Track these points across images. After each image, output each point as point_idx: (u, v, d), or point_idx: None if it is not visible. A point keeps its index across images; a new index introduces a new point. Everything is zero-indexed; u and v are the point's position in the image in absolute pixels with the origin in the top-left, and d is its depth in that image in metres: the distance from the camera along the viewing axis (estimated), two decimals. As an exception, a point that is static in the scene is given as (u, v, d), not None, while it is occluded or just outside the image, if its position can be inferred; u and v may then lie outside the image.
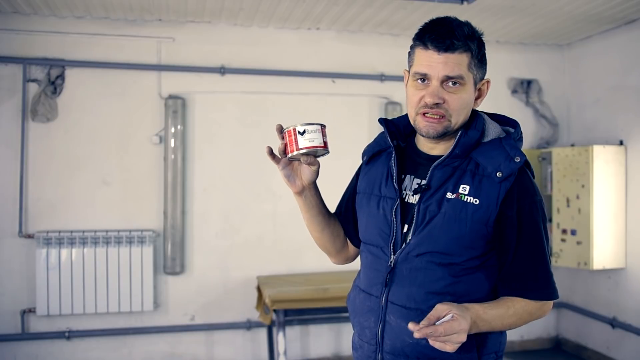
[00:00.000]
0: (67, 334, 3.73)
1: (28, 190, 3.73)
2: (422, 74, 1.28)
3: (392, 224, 1.35)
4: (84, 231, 3.73)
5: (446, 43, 1.25)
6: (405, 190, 1.38)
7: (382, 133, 1.47)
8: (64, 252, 3.66)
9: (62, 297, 3.64)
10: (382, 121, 1.45)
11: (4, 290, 3.69)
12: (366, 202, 1.45)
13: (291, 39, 4.10)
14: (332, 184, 2.09)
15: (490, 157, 1.30)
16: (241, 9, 3.67)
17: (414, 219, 1.32)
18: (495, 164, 1.28)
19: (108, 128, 3.84)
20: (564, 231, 4.05)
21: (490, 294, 1.32)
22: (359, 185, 1.52)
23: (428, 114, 1.28)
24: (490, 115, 1.41)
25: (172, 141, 3.85)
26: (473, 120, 1.36)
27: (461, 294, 1.28)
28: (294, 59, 4.10)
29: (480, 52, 1.31)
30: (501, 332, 1.35)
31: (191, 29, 3.94)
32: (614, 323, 3.98)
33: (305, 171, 1.39)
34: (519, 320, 1.29)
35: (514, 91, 4.48)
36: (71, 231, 3.72)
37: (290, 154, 1.32)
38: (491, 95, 5.06)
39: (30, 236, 3.69)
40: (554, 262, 4.07)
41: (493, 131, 1.35)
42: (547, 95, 4.53)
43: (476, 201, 1.27)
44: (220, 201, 4.01)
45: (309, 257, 4.02)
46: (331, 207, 1.56)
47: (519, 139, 1.38)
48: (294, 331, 4.08)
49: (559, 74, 4.56)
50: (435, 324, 1.15)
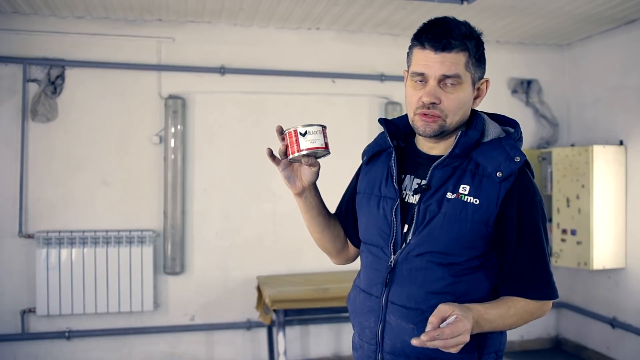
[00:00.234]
0: (67, 334, 3.73)
1: (28, 190, 3.73)
2: (419, 73, 1.28)
3: (392, 224, 1.35)
4: (84, 231, 3.73)
5: (442, 42, 1.25)
6: (405, 190, 1.38)
7: (382, 133, 1.48)
8: (64, 252, 3.66)
9: (62, 297, 3.64)
10: (382, 121, 1.45)
11: (4, 290, 3.69)
12: (366, 202, 1.45)
13: (291, 39, 4.10)
14: (332, 184, 2.09)
15: (490, 157, 1.30)
16: (241, 9, 3.67)
17: (414, 219, 1.32)
18: (495, 164, 1.28)
19: (108, 128, 3.85)
20: (564, 231, 4.05)
21: (490, 293, 1.33)
22: (359, 185, 1.52)
23: (425, 114, 1.28)
24: (490, 115, 1.41)
25: (172, 141, 3.86)
26: (473, 120, 1.36)
27: (461, 294, 1.29)
28: (294, 59, 4.10)
29: (479, 51, 1.30)
30: (501, 332, 1.35)
31: (191, 29, 3.94)
32: (614, 323, 3.98)
33: (306, 172, 1.39)
34: (519, 320, 1.29)
35: (514, 91, 4.48)
36: (71, 231, 3.72)
37: (291, 156, 1.32)
38: (491, 95, 5.04)
39: (30, 236, 3.69)
40: (554, 262, 4.07)
41: (493, 131, 1.35)
42: (547, 95, 4.53)
43: (476, 201, 1.28)
44: (220, 201, 4.01)
45: (309, 257, 4.02)
46: (331, 207, 1.57)
47: (519, 139, 1.38)
48: (294, 331, 4.08)
49: (559, 74, 4.56)
50: (439, 326, 1.14)
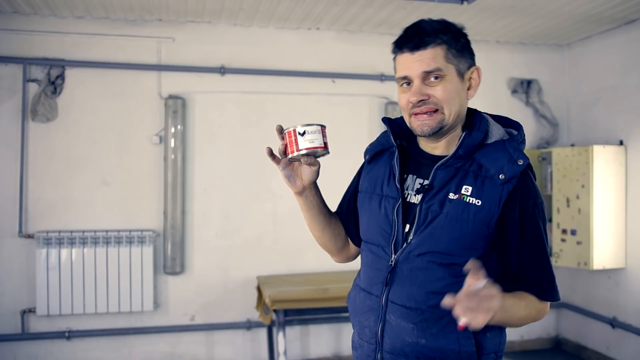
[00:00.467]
0: (67, 334, 3.73)
1: (28, 190, 3.73)
2: (403, 77, 1.31)
3: (394, 223, 1.35)
4: (84, 231, 3.73)
5: (415, 41, 1.28)
6: (407, 190, 1.38)
7: (385, 132, 1.48)
8: (64, 252, 3.66)
9: (62, 297, 3.64)
10: (385, 120, 1.46)
11: (4, 290, 3.69)
12: (368, 201, 1.45)
13: (291, 39, 4.10)
14: (332, 183, 2.09)
15: (493, 158, 1.30)
16: (241, 9, 3.67)
17: (416, 218, 1.32)
18: (498, 165, 1.29)
19: (108, 128, 3.85)
20: (564, 231, 4.05)
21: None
22: (360, 184, 1.52)
23: (418, 112, 1.30)
24: (493, 117, 1.41)
25: (172, 141, 3.85)
26: (477, 121, 1.36)
27: (462, 294, 1.29)
28: (294, 59, 4.10)
29: (459, 42, 1.31)
30: (501, 331, 1.35)
31: (191, 29, 3.95)
32: (614, 323, 3.99)
33: (306, 171, 1.39)
34: (529, 314, 1.28)
35: (514, 91, 4.48)
36: (71, 231, 3.72)
37: (290, 155, 1.32)
38: (491, 95, 5.03)
39: (30, 236, 3.69)
40: (554, 262, 4.07)
41: (497, 133, 1.35)
42: (547, 95, 4.53)
43: (478, 202, 1.28)
44: (220, 201, 4.01)
45: (309, 257, 4.02)
46: (331, 207, 1.57)
47: (522, 141, 1.38)
48: (294, 331, 4.08)
49: (559, 74, 4.56)
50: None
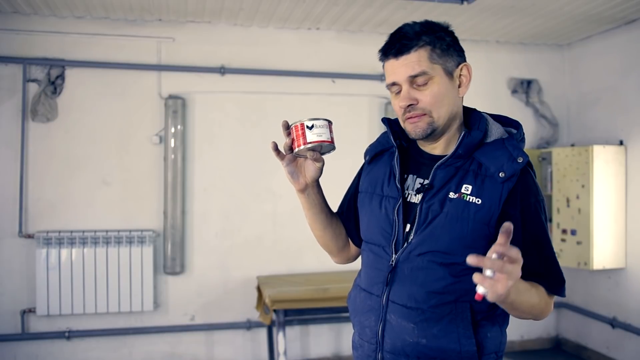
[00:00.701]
0: (67, 334, 3.73)
1: (28, 190, 3.73)
2: (391, 83, 1.32)
3: (394, 223, 1.35)
4: (84, 231, 3.73)
5: (396, 47, 1.29)
6: (407, 189, 1.38)
7: (385, 132, 1.48)
8: (64, 252, 3.65)
9: (62, 297, 3.64)
10: (385, 121, 1.46)
11: (4, 290, 3.69)
12: (368, 201, 1.45)
13: (291, 39, 4.10)
14: (332, 183, 2.09)
15: (493, 157, 1.30)
16: (241, 9, 3.67)
17: (416, 218, 1.32)
18: (498, 164, 1.29)
19: (108, 128, 3.84)
20: (564, 231, 4.05)
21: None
22: (361, 184, 1.52)
23: (410, 117, 1.31)
24: (492, 116, 1.41)
25: (172, 141, 3.85)
26: (476, 120, 1.36)
27: (462, 294, 1.28)
28: (294, 59, 4.10)
29: (444, 41, 1.30)
30: (501, 331, 1.35)
31: (191, 29, 3.95)
32: (614, 323, 3.99)
33: (310, 168, 1.39)
34: (538, 304, 1.25)
35: (514, 91, 4.48)
36: (71, 231, 3.71)
37: (297, 149, 1.33)
38: (491, 95, 5.03)
39: (30, 236, 3.69)
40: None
41: (496, 132, 1.35)
42: (547, 95, 4.53)
43: (478, 201, 1.28)
44: (220, 201, 4.01)
45: (309, 257, 4.02)
46: (332, 207, 1.57)
47: (522, 139, 1.39)
48: (294, 331, 4.08)
49: (559, 74, 4.56)
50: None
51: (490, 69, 4.35)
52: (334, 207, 1.59)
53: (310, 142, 1.30)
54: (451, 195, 1.30)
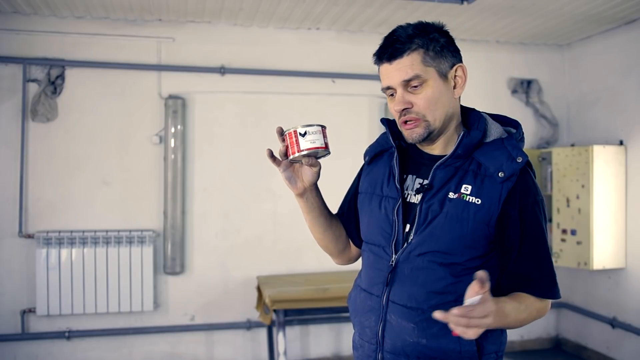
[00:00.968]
0: (67, 334, 3.73)
1: (28, 190, 3.73)
2: (386, 87, 1.32)
3: (394, 223, 1.36)
4: (84, 231, 3.73)
5: (389, 51, 1.29)
6: (407, 190, 1.38)
7: (384, 133, 1.48)
8: (64, 252, 3.66)
9: (62, 297, 3.64)
10: (384, 121, 1.46)
11: (4, 290, 3.69)
12: (368, 202, 1.45)
13: (291, 39, 4.10)
14: (332, 184, 2.10)
15: (492, 157, 1.30)
16: (241, 9, 3.67)
17: (416, 218, 1.32)
18: (498, 164, 1.29)
19: (108, 128, 3.85)
20: (564, 231, 4.05)
21: (491, 294, 1.32)
22: (360, 185, 1.52)
23: (407, 121, 1.31)
24: (491, 116, 1.41)
25: (172, 141, 3.85)
26: (475, 120, 1.36)
27: (462, 294, 1.28)
28: (294, 59, 4.10)
29: (437, 43, 1.29)
30: (502, 331, 1.36)
31: (191, 29, 3.94)
32: (614, 323, 3.99)
33: (307, 172, 1.39)
34: (529, 316, 1.28)
35: (514, 91, 4.48)
36: (71, 231, 3.72)
37: (291, 156, 1.32)
38: (491, 95, 5.02)
39: (30, 236, 3.69)
40: (554, 262, 4.05)
41: (495, 131, 1.35)
42: (547, 95, 4.53)
43: (478, 201, 1.28)
44: (220, 201, 4.01)
45: (309, 257, 4.02)
46: (332, 207, 1.57)
47: (521, 139, 1.38)
48: (294, 331, 4.08)
49: (559, 74, 4.56)
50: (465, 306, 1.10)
51: (490, 69, 4.35)
52: (334, 208, 1.59)
53: (304, 150, 1.30)
54: (451, 195, 1.30)
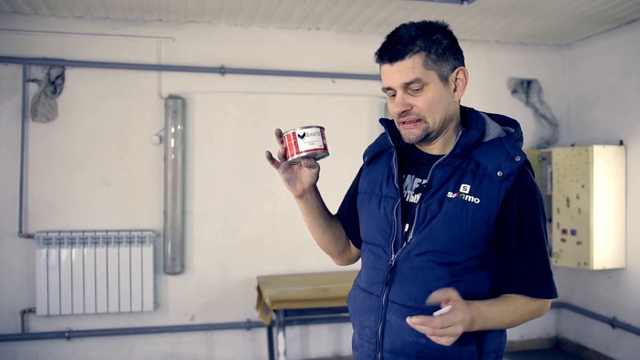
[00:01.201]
0: (67, 334, 3.73)
1: (28, 190, 3.73)
2: (387, 88, 1.32)
3: (393, 223, 1.36)
4: (84, 231, 3.73)
5: (390, 53, 1.28)
6: (406, 189, 1.38)
7: (383, 133, 1.48)
8: (64, 252, 3.66)
9: (62, 297, 3.64)
10: (383, 121, 1.46)
11: (4, 290, 3.69)
12: (367, 202, 1.45)
13: (291, 39, 4.10)
14: (332, 184, 2.10)
15: (491, 156, 1.30)
16: (241, 9, 3.67)
17: (415, 218, 1.32)
18: (496, 163, 1.29)
19: (108, 128, 3.85)
20: (564, 231, 4.05)
21: (491, 293, 1.33)
22: (360, 185, 1.52)
23: (405, 122, 1.31)
24: (490, 116, 1.41)
25: (172, 141, 3.85)
26: (473, 120, 1.36)
27: (461, 293, 1.28)
28: (294, 59, 4.10)
29: (440, 45, 1.28)
30: (501, 331, 1.36)
31: (191, 29, 3.95)
32: (614, 323, 3.99)
33: (306, 174, 1.39)
34: (519, 318, 1.30)
35: (514, 91, 4.48)
36: (71, 231, 3.72)
37: (290, 158, 1.32)
38: (491, 95, 5.02)
39: (30, 236, 3.69)
40: (554, 262, 4.07)
41: (493, 131, 1.35)
42: (547, 95, 4.53)
43: (477, 200, 1.28)
44: (220, 201, 4.01)
45: (309, 257, 4.02)
46: (331, 207, 1.57)
47: (519, 138, 1.38)
48: (294, 331, 4.08)
49: (559, 74, 4.56)
50: (433, 314, 1.15)
51: (490, 69, 4.35)
52: (334, 209, 1.60)
53: (303, 151, 1.30)
54: (449, 194, 1.30)
